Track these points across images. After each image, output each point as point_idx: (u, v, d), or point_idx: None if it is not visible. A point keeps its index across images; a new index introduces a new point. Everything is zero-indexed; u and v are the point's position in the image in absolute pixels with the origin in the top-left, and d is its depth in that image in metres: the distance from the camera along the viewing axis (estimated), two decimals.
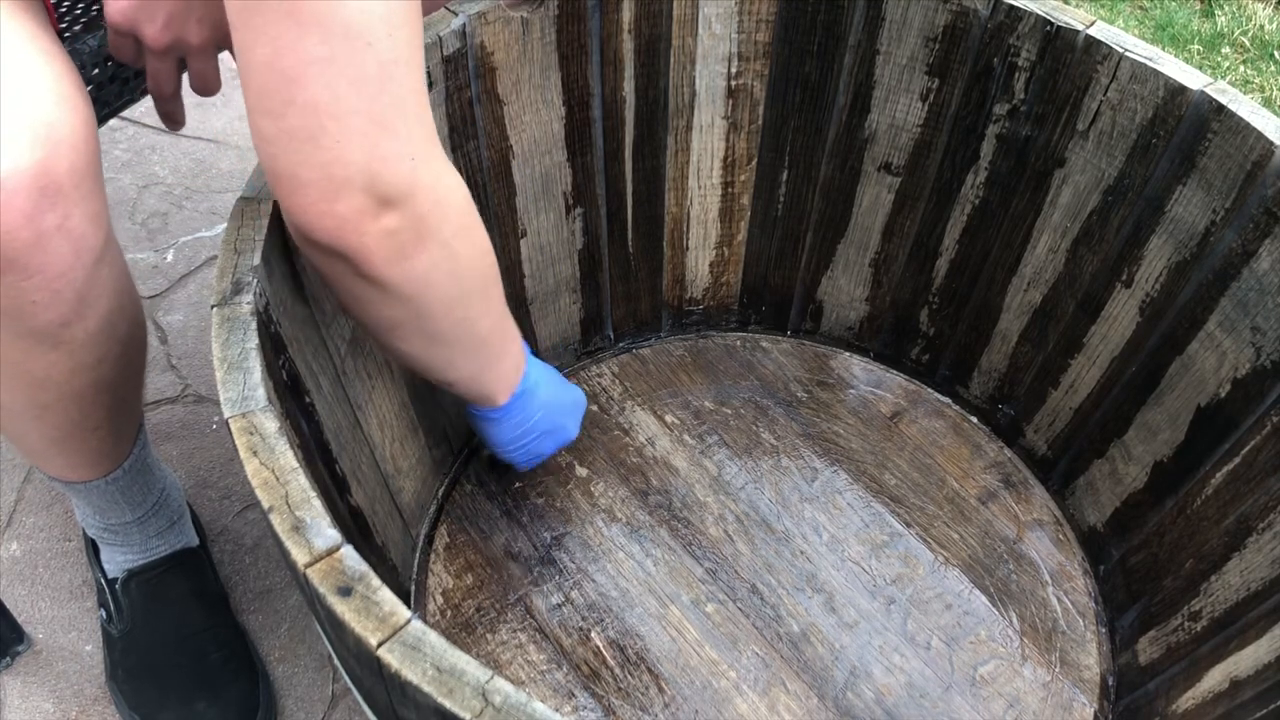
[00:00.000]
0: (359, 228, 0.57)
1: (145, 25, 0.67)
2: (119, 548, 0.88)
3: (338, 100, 0.53)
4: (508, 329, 0.77)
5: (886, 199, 0.99)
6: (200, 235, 1.29)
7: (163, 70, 0.71)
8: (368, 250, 0.58)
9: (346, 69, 0.53)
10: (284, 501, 0.51)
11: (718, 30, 0.90)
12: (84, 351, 0.68)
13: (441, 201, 0.60)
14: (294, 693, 0.91)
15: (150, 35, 0.68)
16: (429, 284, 0.63)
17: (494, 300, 0.72)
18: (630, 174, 0.98)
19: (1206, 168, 0.79)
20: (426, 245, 0.60)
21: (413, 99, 0.57)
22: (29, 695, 0.90)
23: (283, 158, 0.55)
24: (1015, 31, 0.84)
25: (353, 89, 0.53)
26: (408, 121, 0.56)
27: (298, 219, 0.57)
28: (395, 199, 0.57)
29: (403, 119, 0.56)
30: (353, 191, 0.56)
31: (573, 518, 0.97)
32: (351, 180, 0.55)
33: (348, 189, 0.56)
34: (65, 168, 0.60)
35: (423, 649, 0.46)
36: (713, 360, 1.11)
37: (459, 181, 0.63)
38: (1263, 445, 0.78)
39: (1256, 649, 0.72)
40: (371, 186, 0.56)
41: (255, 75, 0.54)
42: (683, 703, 0.86)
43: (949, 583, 0.95)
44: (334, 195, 0.55)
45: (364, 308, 0.64)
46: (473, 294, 0.68)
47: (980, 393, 1.06)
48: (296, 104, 0.53)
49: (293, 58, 0.52)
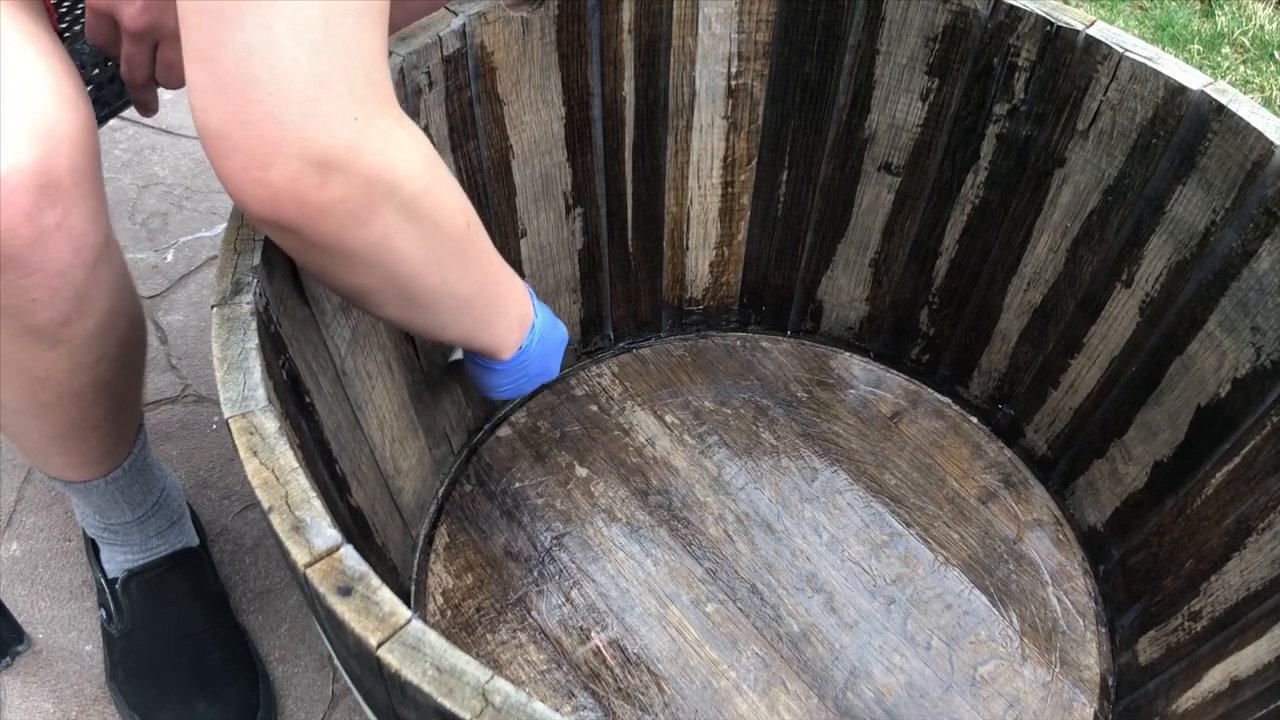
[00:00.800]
0: (298, 199, 0.52)
1: (124, 6, 0.67)
2: (119, 547, 0.88)
3: (273, 46, 0.49)
4: (501, 283, 0.72)
5: (886, 199, 0.99)
6: (200, 235, 1.29)
7: (137, 55, 0.70)
8: (312, 222, 0.54)
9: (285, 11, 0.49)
10: (284, 501, 0.51)
11: (718, 30, 0.90)
12: (84, 350, 0.68)
13: (392, 162, 0.55)
14: (294, 693, 0.91)
15: (128, 16, 0.67)
16: (391, 249, 0.58)
17: (475, 260, 0.67)
18: (630, 174, 0.98)
19: (1206, 168, 0.79)
20: (380, 211, 0.56)
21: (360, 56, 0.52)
22: (29, 695, 0.90)
23: (213, 111, 0.51)
24: (1015, 31, 0.84)
25: (291, 36, 0.49)
26: (351, 78, 0.52)
27: (231, 187, 0.53)
28: (336, 164, 0.52)
29: (345, 75, 0.51)
30: (286, 157, 0.51)
31: (573, 518, 0.97)
32: (285, 142, 0.50)
33: (281, 154, 0.51)
34: (65, 166, 0.60)
35: (423, 649, 0.46)
36: (713, 360, 1.11)
37: (415, 137, 0.58)
38: (1263, 445, 0.78)
39: (1256, 649, 0.72)
40: (308, 151, 0.51)
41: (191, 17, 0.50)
42: (683, 703, 0.86)
43: (949, 583, 0.94)
44: (266, 160, 0.51)
45: (330, 278, 0.60)
46: (447, 255, 0.63)
47: (980, 393, 1.06)
48: (229, 48, 0.49)
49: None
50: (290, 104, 0.50)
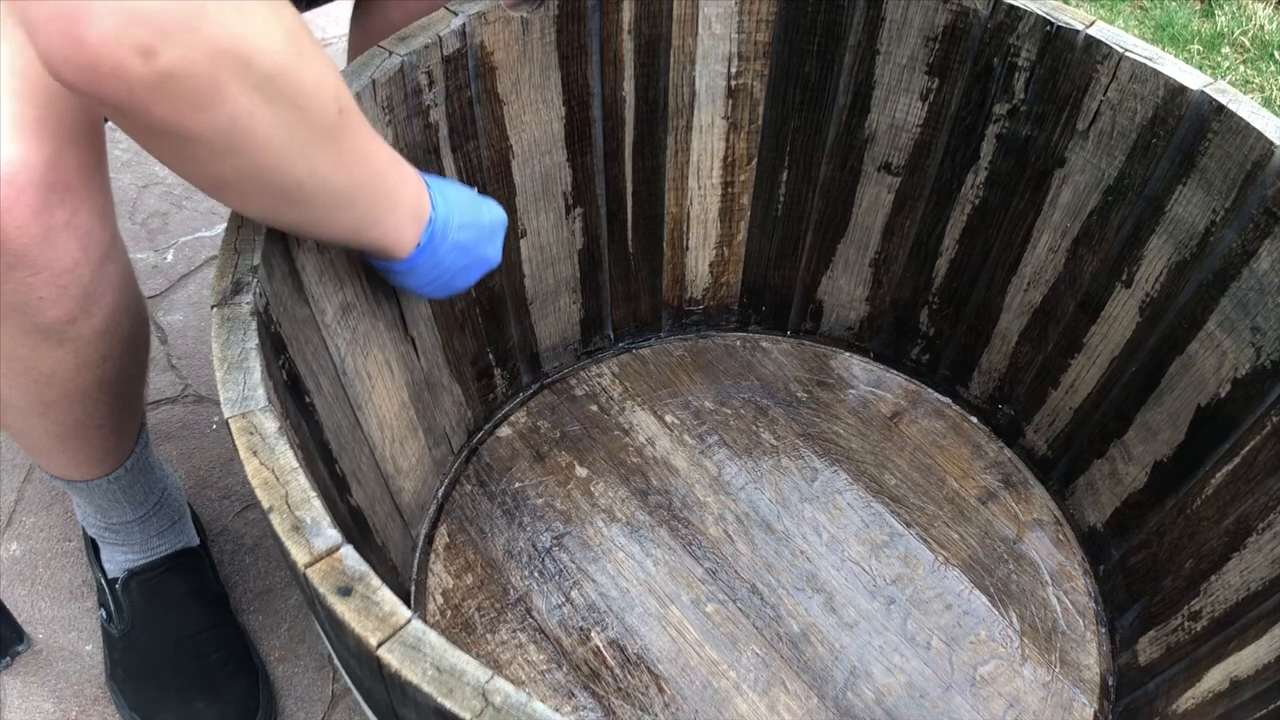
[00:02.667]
0: (120, 72, 0.44)
1: None
2: (120, 547, 0.88)
3: None
4: (387, 176, 0.64)
5: (886, 199, 0.99)
6: (200, 235, 1.29)
7: None
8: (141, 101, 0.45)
9: None
10: (284, 501, 0.51)
11: (718, 30, 0.90)
12: (89, 348, 0.68)
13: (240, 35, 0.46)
14: (294, 693, 0.91)
15: None
16: (244, 135, 0.50)
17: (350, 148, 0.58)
18: (630, 174, 0.98)
19: (1206, 168, 0.79)
20: (227, 90, 0.47)
21: None
22: (29, 695, 0.90)
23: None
24: (1015, 31, 0.84)
25: None
26: None
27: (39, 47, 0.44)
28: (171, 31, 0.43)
29: None
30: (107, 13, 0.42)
31: (573, 518, 0.97)
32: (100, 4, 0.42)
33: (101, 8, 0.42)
34: (74, 164, 0.60)
35: (423, 649, 0.46)
36: (713, 360, 1.11)
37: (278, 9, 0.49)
38: (1263, 445, 0.78)
39: (1256, 649, 0.72)
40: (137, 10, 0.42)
41: None
42: (683, 703, 0.86)
43: (949, 583, 0.94)
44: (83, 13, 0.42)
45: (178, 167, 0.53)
46: (314, 143, 0.55)
47: (980, 393, 1.06)
48: None
49: None
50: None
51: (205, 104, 0.47)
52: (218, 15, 0.45)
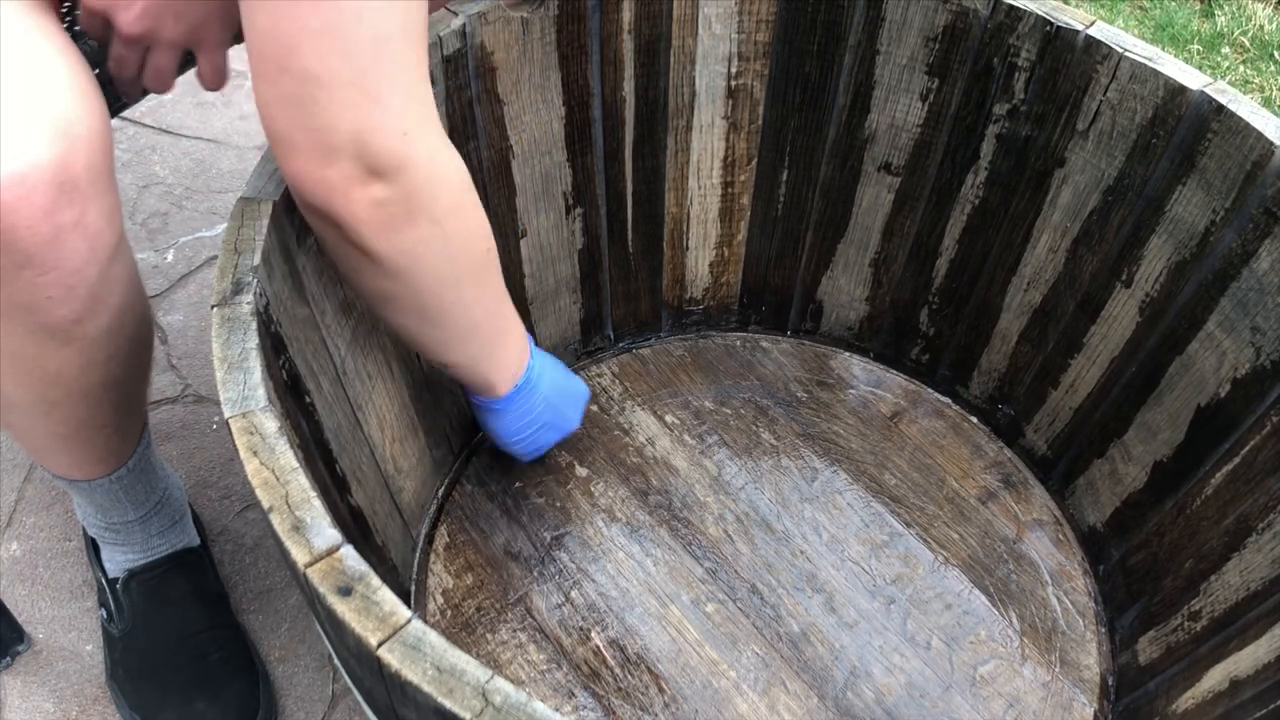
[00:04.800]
0: (348, 194, 0.58)
1: (121, 12, 0.67)
2: (120, 547, 0.88)
3: (329, 71, 0.55)
4: (507, 318, 0.77)
5: (886, 199, 0.99)
6: (200, 235, 1.29)
7: (128, 58, 0.70)
8: (356, 218, 0.59)
9: (338, 40, 0.54)
10: (284, 501, 0.51)
11: (718, 30, 0.90)
12: (95, 348, 0.68)
13: (435, 178, 0.61)
14: (294, 693, 0.91)
15: (124, 22, 0.67)
16: (419, 259, 0.63)
17: (489, 286, 0.72)
18: (630, 174, 0.98)
19: (1206, 168, 0.79)
20: (417, 220, 0.61)
21: (407, 73, 0.58)
22: (29, 695, 0.90)
23: (280, 121, 0.57)
24: (1015, 31, 0.84)
25: (343, 61, 0.55)
26: (400, 95, 0.57)
27: (292, 181, 0.59)
28: (385, 170, 0.58)
29: (395, 92, 0.57)
30: (343, 159, 0.57)
31: (573, 518, 0.97)
32: (341, 148, 0.56)
33: (338, 156, 0.57)
34: (83, 164, 0.60)
35: (423, 649, 0.46)
36: (713, 360, 1.11)
37: (456, 160, 0.64)
38: (1263, 445, 0.78)
39: (1256, 649, 0.72)
40: (361, 155, 0.57)
41: (255, 41, 0.55)
42: (683, 702, 0.86)
43: (949, 583, 0.95)
44: (325, 160, 0.57)
45: (358, 277, 0.65)
46: (466, 276, 0.68)
47: (980, 393, 1.06)
48: (290, 71, 0.55)
49: (289, 26, 0.54)
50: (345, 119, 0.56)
51: (399, 227, 0.61)
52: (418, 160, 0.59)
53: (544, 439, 0.89)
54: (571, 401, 0.90)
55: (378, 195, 0.59)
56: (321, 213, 0.60)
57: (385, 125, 0.57)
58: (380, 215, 0.60)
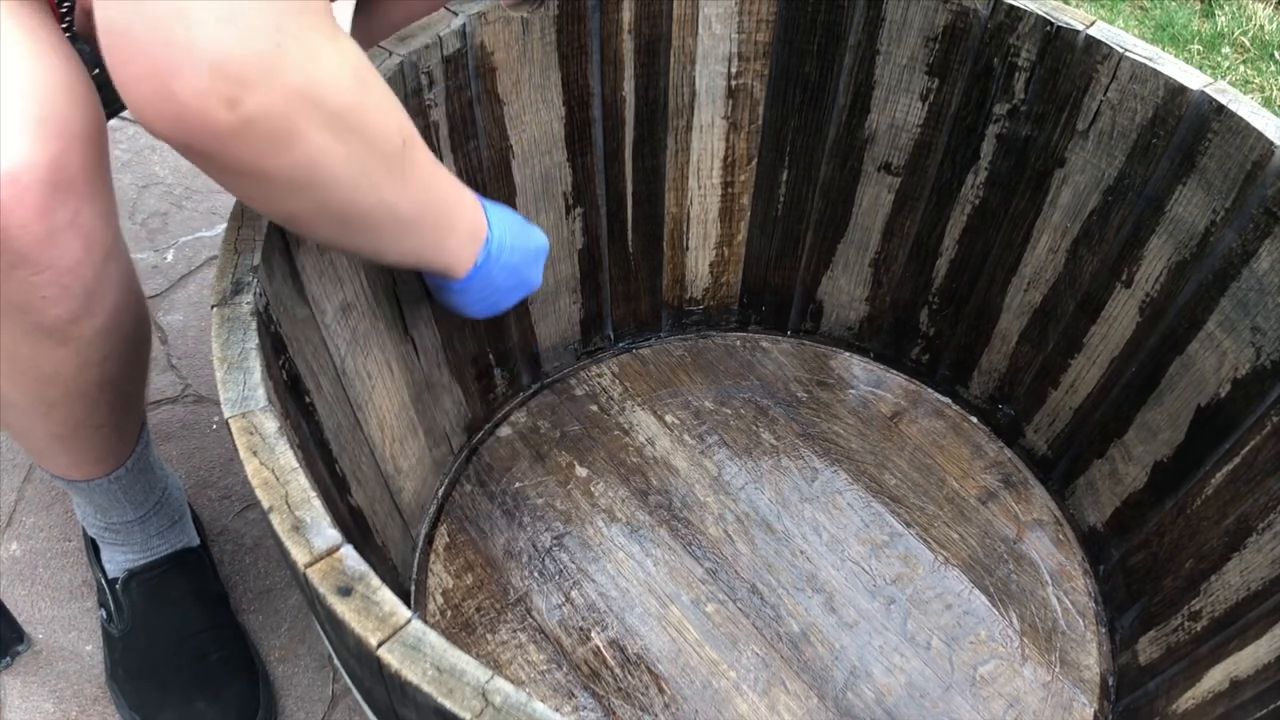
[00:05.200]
0: (206, 120, 0.47)
1: None
2: (120, 547, 0.88)
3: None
4: (447, 198, 0.68)
5: (886, 199, 0.99)
6: (200, 235, 1.29)
7: None
8: (226, 147, 0.49)
9: None
10: (284, 501, 0.51)
11: (718, 30, 0.90)
12: (91, 348, 0.68)
13: (316, 80, 0.50)
14: (294, 693, 0.91)
15: None
16: (318, 173, 0.54)
17: (414, 177, 0.62)
18: (630, 174, 0.98)
19: (1206, 168, 0.79)
20: (304, 132, 0.51)
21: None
22: (29, 695, 0.90)
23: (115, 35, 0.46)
24: (1015, 31, 0.84)
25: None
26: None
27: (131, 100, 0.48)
28: (252, 81, 0.47)
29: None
30: (196, 65, 0.46)
31: (573, 518, 0.97)
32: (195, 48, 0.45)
33: (190, 60, 0.46)
34: (78, 163, 0.60)
35: (423, 649, 0.46)
36: (713, 360, 1.11)
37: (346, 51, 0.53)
38: (1263, 445, 0.78)
39: (1256, 649, 0.72)
40: (221, 64, 0.46)
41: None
42: (683, 703, 0.86)
43: (949, 583, 0.95)
44: (173, 68, 0.46)
45: (256, 203, 0.56)
46: (382, 176, 0.58)
47: (980, 393, 1.06)
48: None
49: None
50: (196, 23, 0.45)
51: (283, 145, 0.51)
52: (292, 62, 0.48)
53: (505, 302, 0.81)
54: (531, 260, 0.81)
55: (246, 113, 0.47)
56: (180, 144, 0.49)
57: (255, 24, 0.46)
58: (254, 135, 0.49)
